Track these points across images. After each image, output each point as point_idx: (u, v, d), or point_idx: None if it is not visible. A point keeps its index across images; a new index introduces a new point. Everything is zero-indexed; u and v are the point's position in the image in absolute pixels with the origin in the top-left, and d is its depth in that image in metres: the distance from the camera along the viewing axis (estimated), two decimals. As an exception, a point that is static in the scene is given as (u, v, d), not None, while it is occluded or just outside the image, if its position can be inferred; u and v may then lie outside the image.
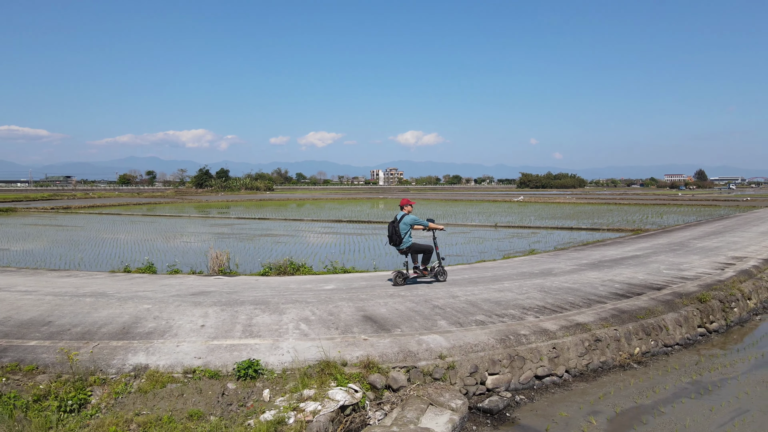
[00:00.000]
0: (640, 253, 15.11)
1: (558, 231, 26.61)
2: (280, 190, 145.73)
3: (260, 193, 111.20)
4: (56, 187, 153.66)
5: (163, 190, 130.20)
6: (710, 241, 17.94)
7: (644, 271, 12.02)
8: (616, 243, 18.13)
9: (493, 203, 60.54)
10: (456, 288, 10.15)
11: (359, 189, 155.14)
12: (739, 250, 15.56)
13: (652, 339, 8.32)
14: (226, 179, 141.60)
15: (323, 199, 74.58)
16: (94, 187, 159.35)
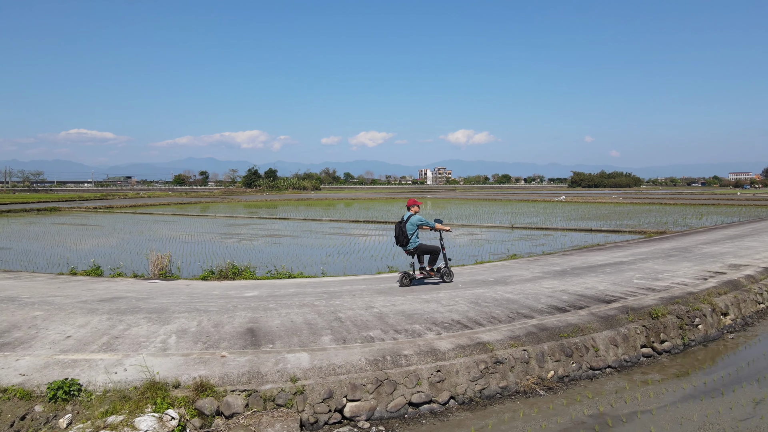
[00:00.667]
0: (628, 259, 13.83)
1: (573, 233, 25.18)
2: (327, 189, 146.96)
3: (305, 193, 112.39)
4: (116, 187, 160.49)
5: (212, 189, 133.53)
6: (721, 246, 16.35)
7: (611, 281, 10.86)
8: (615, 247, 16.78)
9: (530, 203, 58.68)
10: (381, 298, 9.37)
11: (405, 188, 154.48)
12: (746, 256, 14.02)
13: (574, 361, 7.32)
14: (274, 179, 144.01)
15: (361, 199, 74.37)
16: (150, 187, 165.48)
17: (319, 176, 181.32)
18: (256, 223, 32.78)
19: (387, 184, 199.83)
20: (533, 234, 24.67)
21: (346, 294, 9.69)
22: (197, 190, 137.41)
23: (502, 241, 21.60)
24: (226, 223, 32.28)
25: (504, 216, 36.67)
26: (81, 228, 29.03)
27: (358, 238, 23.46)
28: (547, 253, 15.89)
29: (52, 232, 26.92)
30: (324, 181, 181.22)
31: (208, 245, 20.81)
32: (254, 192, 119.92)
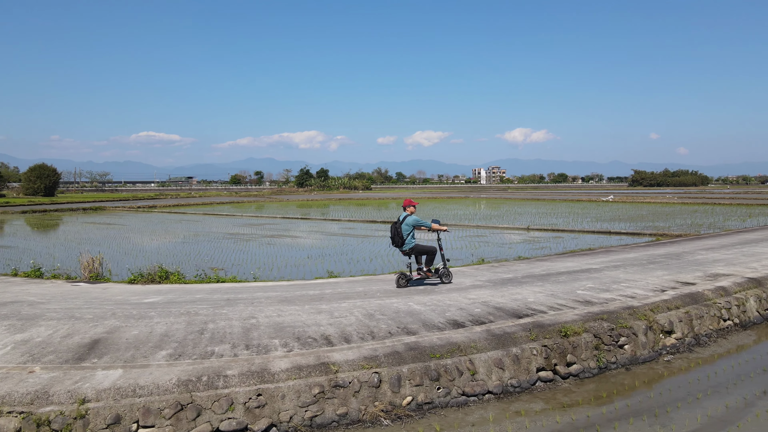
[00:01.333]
0: (599, 266, 12.58)
1: (587, 235, 23.66)
2: (378, 189, 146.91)
3: (353, 192, 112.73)
4: (176, 187, 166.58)
5: (261, 189, 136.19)
6: (723, 252, 14.73)
7: (551, 292, 9.77)
8: (604, 252, 15.43)
9: (573, 203, 56.37)
10: (281, 306, 8.72)
11: (455, 188, 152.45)
12: (739, 265, 12.48)
13: (441, 386, 6.44)
14: (325, 179, 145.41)
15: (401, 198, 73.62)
16: (207, 187, 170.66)
17: (371, 176, 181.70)
18: (272, 223, 32.71)
19: (438, 184, 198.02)
20: (544, 236, 23.29)
21: (245, 302, 9.11)
22: (251, 189, 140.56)
23: (500, 244, 20.44)
24: (244, 223, 32.38)
25: (532, 216, 35.15)
26: (102, 227, 29.79)
27: (359, 239, 22.82)
28: (523, 258, 14.74)
29: (69, 230, 27.73)
30: (376, 180, 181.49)
31: (202, 245, 20.74)
32: (304, 191, 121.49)
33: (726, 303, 9.55)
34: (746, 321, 9.70)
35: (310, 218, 35.58)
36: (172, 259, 16.97)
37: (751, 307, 9.91)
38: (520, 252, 17.68)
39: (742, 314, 9.68)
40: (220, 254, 18.16)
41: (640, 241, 19.95)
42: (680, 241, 18.29)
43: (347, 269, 14.36)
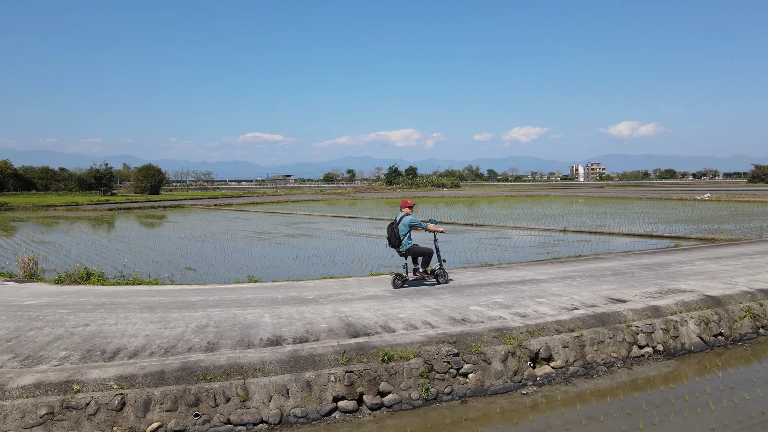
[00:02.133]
0: (546, 277, 11.16)
1: (624, 238, 21.58)
2: (468, 186, 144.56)
3: (438, 190, 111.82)
4: (271, 185, 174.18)
5: (346, 187, 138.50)
6: (722, 263, 12.65)
7: (440, 306, 8.70)
8: (588, 260, 13.76)
9: (658, 201, 52.30)
10: (121, 315, 8.40)
11: (546, 185, 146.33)
12: (719, 279, 10.60)
13: (201, 412, 5.82)
14: (413, 177, 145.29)
15: (487, 197, 71.72)
16: (301, 185, 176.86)
17: (461, 173, 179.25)
18: (311, 222, 32.85)
19: (531, 181, 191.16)
20: (573, 239, 21.49)
21: (110, 307, 8.88)
22: (340, 187, 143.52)
23: (512, 247, 19.01)
24: (285, 222, 32.83)
25: (589, 216, 32.90)
26: (153, 223, 31.39)
27: (371, 239, 22.18)
28: (488, 264, 13.48)
29: (118, 226, 29.44)
30: (466, 178, 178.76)
31: (210, 244, 21.15)
32: (391, 189, 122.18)
33: (647, 326, 7.99)
34: (675, 348, 8.08)
35: (357, 217, 35.32)
36: (162, 257, 17.41)
37: (687, 332, 8.24)
38: (522, 256, 16.34)
39: (670, 340, 8.07)
40: (213, 254, 18.37)
41: (667, 244, 17.67)
42: (709, 246, 16.09)
43: (308, 273, 13.89)
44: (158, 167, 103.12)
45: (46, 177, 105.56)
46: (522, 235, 23.52)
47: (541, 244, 19.74)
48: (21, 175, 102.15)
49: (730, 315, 8.76)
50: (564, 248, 18.39)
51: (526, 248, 18.68)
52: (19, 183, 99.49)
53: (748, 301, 9.11)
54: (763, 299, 9.29)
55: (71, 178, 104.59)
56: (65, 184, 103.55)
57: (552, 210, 40.35)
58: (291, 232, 26.26)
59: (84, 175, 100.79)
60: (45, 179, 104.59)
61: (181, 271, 14.83)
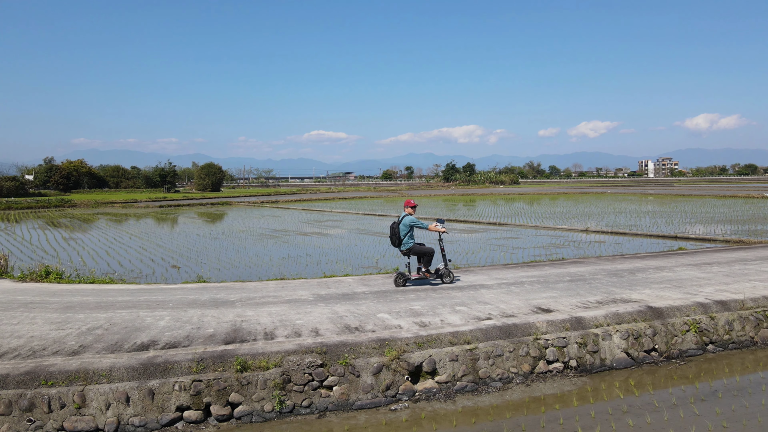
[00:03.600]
0: (494, 283, 10.49)
1: (645, 239, 20.42)
2: (527, 183, 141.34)
3: (493, 187, 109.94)
4: (330, 182, 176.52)
5: (398, 184, 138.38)
6: (702, 270, 11.53)
7: (345, 313, 8.32)
8: (564, 264, 12.92)
9: (718, 199, 49.07)
10: (26, 315, 8.52)
11: (612, 182, 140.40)
12: (681, 289, 9.63)
13: (35, 418, 5.78)
14: (471, 173, 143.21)
15: (530, 194, 69.81)
16: (360, 182, 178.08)
17: (521, 170, 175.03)
18: (335, 219, 32.87)
19: (596, 177, 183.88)
20: (589, 240, 20.53)
21: (26, 306, 9.07)
22: (397, 184, 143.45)
23: (517, 248, 18.23)
24: (310, 219, 33.07)
25: (624, 215, 31.16)
26: (190, 220, 32.39)
27: (372, 237, 21.91)
28: (456, 267, 12.89)
29: (148, 223, 30.57)
30: (527, 174, 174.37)
31: (217, 242, 21.51)
32: (447, 186, 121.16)
33: (559, 340, 7.32)
34: (593, 364, 7.38)
35: (387, 215, 35.05)
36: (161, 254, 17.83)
37: (609, 347, 7.51)
38: (516, 258, 15.70)
39: (587, 355, 7.38)
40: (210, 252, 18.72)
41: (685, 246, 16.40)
42: (720, 250, 14.92)
43: (285, 272, 13.84)
44: (219, 165, 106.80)
45: (118, 175, 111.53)
46: (538, 235, 22.54)
47: (548, 245, 18.81)
48: (95, 174, 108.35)
49: (669, 329, 7.92)
50: (570, 250, 17.44)
51: (527, 249, 17.85)
52: (93, 181, 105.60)
53: (697, 314, 8.20)
54: (718, 312, 8.35)
55: (139, 177, 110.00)
56: (134, 182, 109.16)
57: (595, 208, 38.61)
58: (308, 230, 26.35)
59: (150, 173, 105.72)
60: (116, 177, 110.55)
61: (166, 269, 15.10)
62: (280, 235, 24.25)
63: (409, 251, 10.02)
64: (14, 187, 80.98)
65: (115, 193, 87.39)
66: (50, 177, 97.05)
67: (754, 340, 8.40)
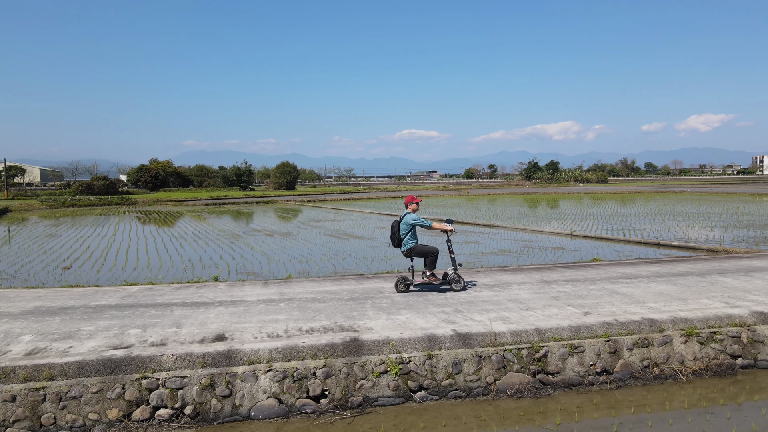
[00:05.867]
0: (284, 297, 8.96)
1: (626, 245, 17.66)
2: (618, 181, 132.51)
3: (579, 186, 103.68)
4: (411, 180, 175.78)
5: (471, 183, 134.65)
6: (657, 283, 9.29)
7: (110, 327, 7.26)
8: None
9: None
10: None
11: (711, 180, 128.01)
12: (555, 308, 7.66)
13: None
14: (554, 171, 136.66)
15: (599, 193, 64.93)
16: (439, 180, 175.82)
17: (613, 167, 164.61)
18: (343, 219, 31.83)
19: (699, 175, 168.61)
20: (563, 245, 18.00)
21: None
22: (472, 183, 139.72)
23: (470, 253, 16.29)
24: (321, 218, 32.28)
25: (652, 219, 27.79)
26: (202, 217, 32.82)
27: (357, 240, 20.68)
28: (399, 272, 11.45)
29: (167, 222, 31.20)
30: (620, 172, 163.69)
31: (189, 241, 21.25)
32: (524, 184, 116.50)
33: (176, 380, 5.81)
34: (217, 412, 5.79)
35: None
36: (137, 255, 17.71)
37: (251, 391, 5.88)
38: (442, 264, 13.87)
39: (213, 400, 5.81)
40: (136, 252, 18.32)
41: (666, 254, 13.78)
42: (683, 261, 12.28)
43: (190, 276, 13.11)
44: (294, 164, 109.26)
45: (201, 174, 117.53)
46: (512, 239, 20.21)
47: (502, 251, 16.70)
48: (180, 173, 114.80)
49: (356, 369, 6.12)
50: (525, 257, 15.41)
51: (472, 255, 15.88)
52: (179, 180, 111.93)
53: (416, 350, 6.32)
54: (450, 349, 6.41)
55: (217, 176, 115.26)
56: (214, 180, 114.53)
57: (635, 209, 34.85)
58: (288, 230, 25.50)
59: (227, 172, 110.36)
60: (200, 176, 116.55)
61: (59, 270, 14.84)
62: (253, 234, 23.54)
63: (411, 252, 9.08)
64: (104, 186, 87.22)
65: (190, 191, 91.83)
66: (140, 176, 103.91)
67: (490, 387, 6.36)
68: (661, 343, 6.92)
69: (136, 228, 27.94)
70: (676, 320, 7.26)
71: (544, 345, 6.64)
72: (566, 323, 7.09)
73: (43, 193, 78.45)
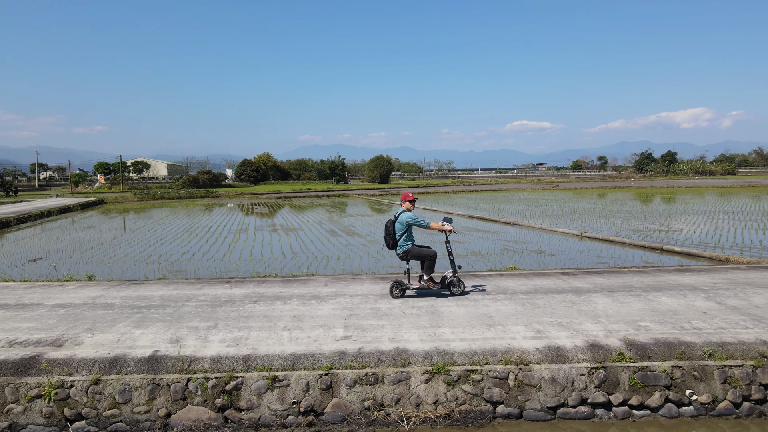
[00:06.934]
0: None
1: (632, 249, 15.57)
2: (750, 174, 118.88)
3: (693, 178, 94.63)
4: (515, 174, 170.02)
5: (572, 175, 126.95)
6: (602, 297, 8.08)
7: None
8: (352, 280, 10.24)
9: None
10: None
11: None
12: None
13: None
14: (670, 162, 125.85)
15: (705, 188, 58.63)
16: (544, 174, 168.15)
17: (746, 158, 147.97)
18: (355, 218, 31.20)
19: None
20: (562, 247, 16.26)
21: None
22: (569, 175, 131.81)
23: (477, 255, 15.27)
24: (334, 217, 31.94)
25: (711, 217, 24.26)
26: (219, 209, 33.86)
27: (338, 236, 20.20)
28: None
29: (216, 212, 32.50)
30: (753, 163, 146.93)
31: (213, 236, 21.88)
32: (639, 177, 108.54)
33: None
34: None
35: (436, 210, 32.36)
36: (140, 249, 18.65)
37: None
38: None
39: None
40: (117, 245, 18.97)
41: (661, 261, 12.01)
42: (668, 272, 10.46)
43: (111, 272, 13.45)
44: (388, 158, 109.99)
45: (299, 168, 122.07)
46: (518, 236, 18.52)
47: (484, 253, 15.34)
48: (279, 167, 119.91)
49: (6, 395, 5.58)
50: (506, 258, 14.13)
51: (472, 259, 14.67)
52: (278, 173, 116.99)
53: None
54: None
55: (313, 169, 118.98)
56: (310, 174, 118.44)
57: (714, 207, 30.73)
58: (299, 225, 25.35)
59: (322, 166, 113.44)
60: (298, 170, 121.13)
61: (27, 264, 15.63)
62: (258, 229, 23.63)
63: (406, 254, 8.45)
64: (208, 180, 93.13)
65: (280, 184, 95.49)
66: (243, 170, 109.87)
67: (163, 421, 5.53)
68: (393, 381, 5.65)
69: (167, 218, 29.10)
70: (433, 353, 5.92)
71: (239, 376, 5.64)
72: (292, 350, 6.02)
73: (154, 185, 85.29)
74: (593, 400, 5.64)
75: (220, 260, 15.00)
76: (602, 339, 6.22)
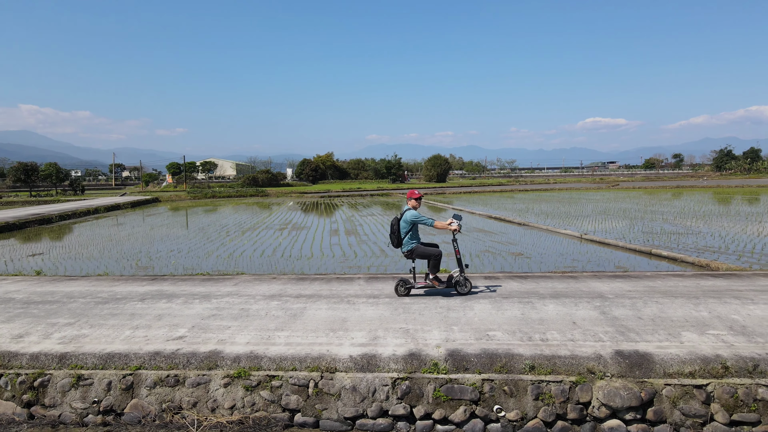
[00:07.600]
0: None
1: (623, 252, 14.82)
2: None
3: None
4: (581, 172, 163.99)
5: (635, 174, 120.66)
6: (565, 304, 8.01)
7: None
8: (301, 280, 10.34)
9: None
10: None
11: None
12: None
13: None
14: (753, 160, 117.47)
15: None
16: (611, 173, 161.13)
17: None
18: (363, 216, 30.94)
19: None
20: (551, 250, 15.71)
21: None
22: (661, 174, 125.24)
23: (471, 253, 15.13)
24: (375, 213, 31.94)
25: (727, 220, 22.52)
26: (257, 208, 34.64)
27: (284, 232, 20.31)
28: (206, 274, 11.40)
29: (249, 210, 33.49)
30: None
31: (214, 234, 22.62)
32: (716, 175, 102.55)
33: None
34: None
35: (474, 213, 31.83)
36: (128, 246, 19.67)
37: None
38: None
39: None
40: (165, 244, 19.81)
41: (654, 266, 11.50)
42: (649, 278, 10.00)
43: None
44: (445, 157, 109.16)
45: (357, 167, 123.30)
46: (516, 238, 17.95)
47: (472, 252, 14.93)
48: (337, 166, 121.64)
49: None
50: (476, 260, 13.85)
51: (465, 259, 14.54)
52: (337, 173, 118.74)
53: None
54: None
55: (370, 168, 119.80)
56: (367, 173, 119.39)
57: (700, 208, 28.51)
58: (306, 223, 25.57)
59: (378, 165, 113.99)
60: (356, 169, 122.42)
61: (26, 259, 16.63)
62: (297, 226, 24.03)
63: (411, 253, 8.33)
64: (267, 179, 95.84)
65: (335, 183, 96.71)
66: (303, 170, 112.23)
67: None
68: (193, 384, 5.57)
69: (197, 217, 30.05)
70: (244, 357, 5.79)
71: (48, 373, 5.73)
72: (113, 349, 6.05)
73: (215, 185, 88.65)
74: (394, 412, 5.32)
75: (188, 256, 15.33)
76: (430, 348, 5.86)
